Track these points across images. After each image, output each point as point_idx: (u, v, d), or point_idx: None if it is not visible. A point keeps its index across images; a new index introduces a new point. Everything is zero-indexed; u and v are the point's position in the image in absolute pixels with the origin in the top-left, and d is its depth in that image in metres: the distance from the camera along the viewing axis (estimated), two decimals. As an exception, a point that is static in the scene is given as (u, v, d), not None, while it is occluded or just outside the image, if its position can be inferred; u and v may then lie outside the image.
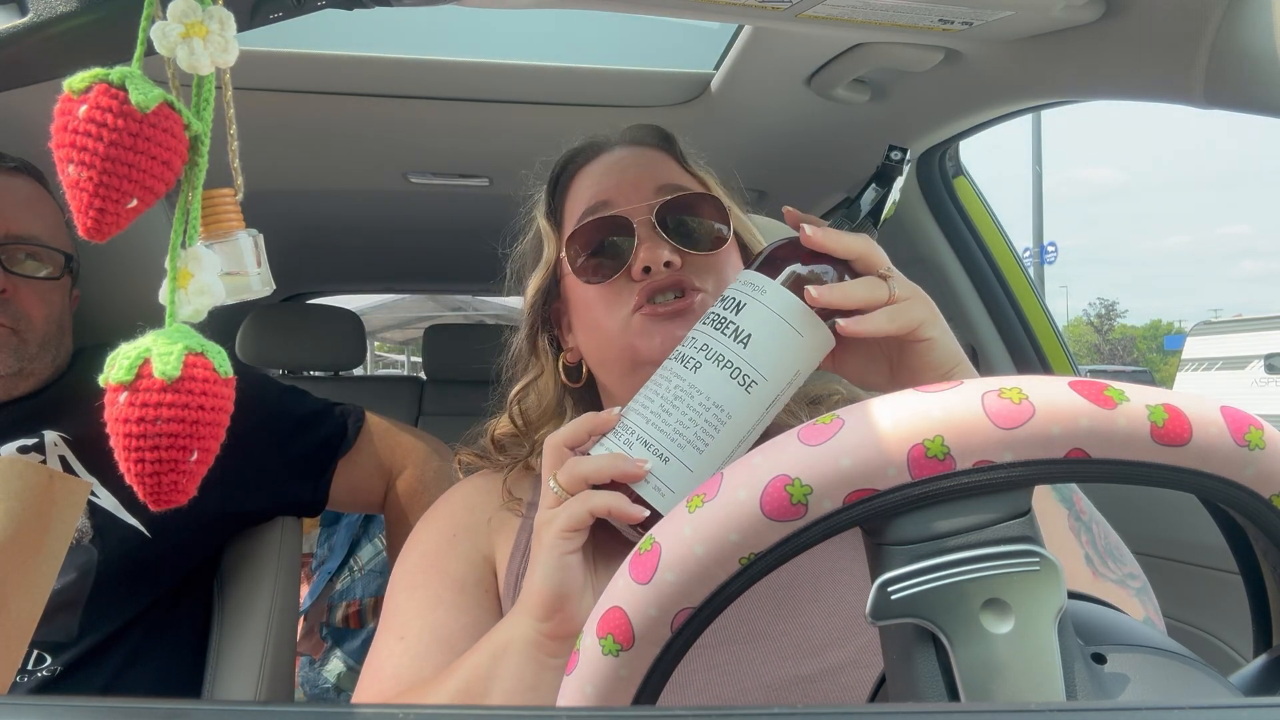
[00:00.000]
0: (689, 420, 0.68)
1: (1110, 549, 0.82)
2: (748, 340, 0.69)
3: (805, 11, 0.99)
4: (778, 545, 0.44)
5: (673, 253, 0.90)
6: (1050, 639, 0.43)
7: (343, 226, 2.49)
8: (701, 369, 0.68)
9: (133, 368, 0.50)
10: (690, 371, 0.68)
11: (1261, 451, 0.43)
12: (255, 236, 0.58)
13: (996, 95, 1.38)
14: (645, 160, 0.99)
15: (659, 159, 1.00)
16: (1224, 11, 0.93)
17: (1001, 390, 0.43)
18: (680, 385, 0.68)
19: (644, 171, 0.97)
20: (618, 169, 0.99)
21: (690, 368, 0.69)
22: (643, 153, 1.00)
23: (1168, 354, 33.54)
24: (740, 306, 0.70)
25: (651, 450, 0.69)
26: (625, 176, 0.97)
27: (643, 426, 0.70)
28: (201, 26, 0.51)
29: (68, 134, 0.48)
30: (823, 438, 0.44)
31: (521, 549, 0.94)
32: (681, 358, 0.70)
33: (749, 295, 0.70)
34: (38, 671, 1.18)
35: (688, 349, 0.71)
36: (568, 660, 0.50)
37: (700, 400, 0.68)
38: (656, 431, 0.69)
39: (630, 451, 0.70)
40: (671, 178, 0.97)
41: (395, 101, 1.60)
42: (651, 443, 0.69)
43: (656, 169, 0.98)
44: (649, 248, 0.90)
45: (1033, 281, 1.87)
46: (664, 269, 0.90)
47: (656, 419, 0.69)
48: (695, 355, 0.69)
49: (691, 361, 0.69)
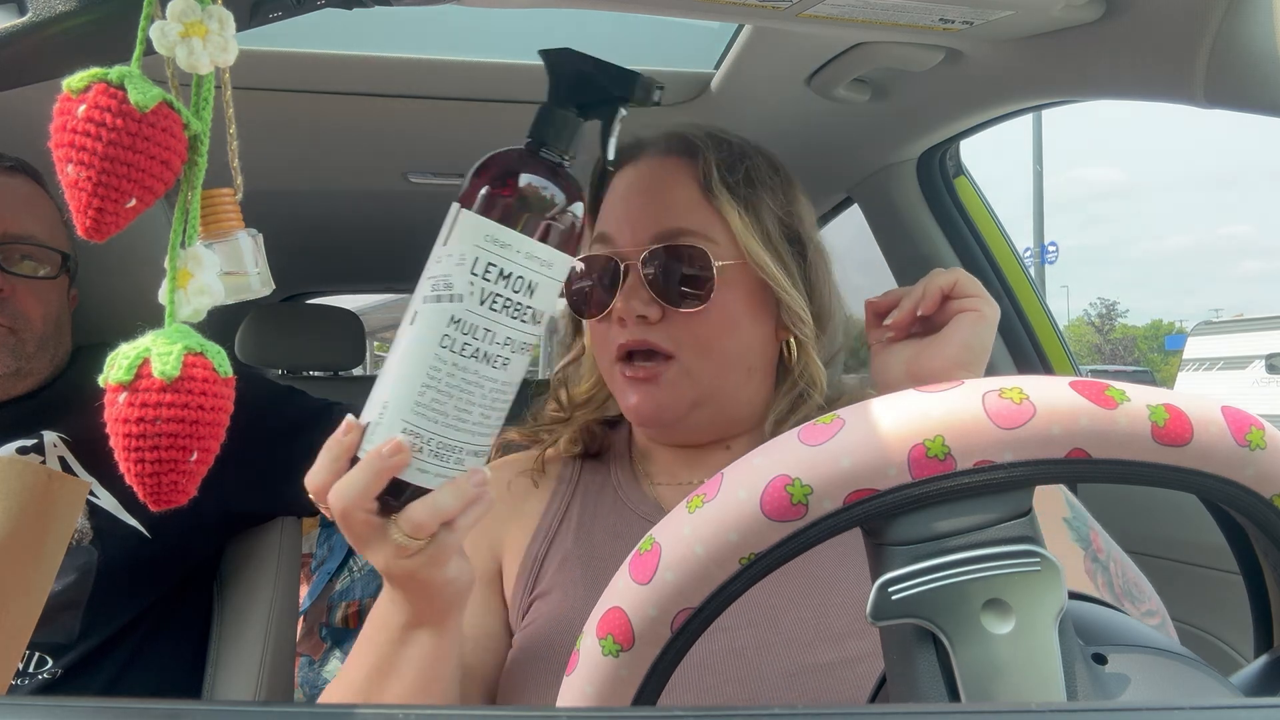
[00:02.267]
0: (491, 409, 0.64)
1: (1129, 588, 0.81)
2: (542, 317, 0.65)
3: (805, 11, 0.99)
4: (778, 545, 0.44)
5: (648, 305, 0.89)
6: (1051, 639, 0.43)
7: (343, 226, 2.49)
8: (511, 364, 0.64)
9: (132, 368, 0.50)
10: (501, 370, 0.63)
11: (1262, 452, 0.43)
12: (255, 236, 0.58)
13: (996, 95, 1.38)
14: (660, 186, 0.94)
15: (678, 182, 0.94)
16: (1224, 11, 0.93)
17: (1002, 390, 0.43)
18: (495, 386, 0.63)
19: (649, 205, 0.93)
20: (629, 197, 0.95)
21: (500, 366, 0.63)
22: (664, 170, 0.95)
23: (1169, 354, 33.54)
24: (533, 289, 0.64)
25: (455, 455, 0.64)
26: (631, 210, 0.94)
27: (450, 435, 0.64)
28: (201, 26, 0.51)
29: (67, 133, 0.48)
30: (823, 438, 0.44)
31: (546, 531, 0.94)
32: (485, 356, 0.63)
33: (538, 273, 0.64)
34: (39, 674, 1.18)
35: (491, 347, 0.63)
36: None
37: (508, 390, 0.65)
38: (460, 434, 0.64)
39: (452, 465, 0.64)
40: (676, 217, 0.91)
41: (395, 101, 1.60)
42: (457, 445, 0.64)
43: (666, 201, 0.93)
44: (625, 298, 0.89)
45: (1033, 281, 1.87)
46: (636, 320, 0.89)
47: (458, 419, 0.63)
48: (501, 353, 0.63)
49: (500, 360, 0.63)
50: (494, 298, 0.62)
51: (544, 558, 0.92)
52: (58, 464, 1.23)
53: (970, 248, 1.81)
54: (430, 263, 0.65)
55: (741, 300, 0.92)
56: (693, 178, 0.93)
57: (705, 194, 0.92)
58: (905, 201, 1.79)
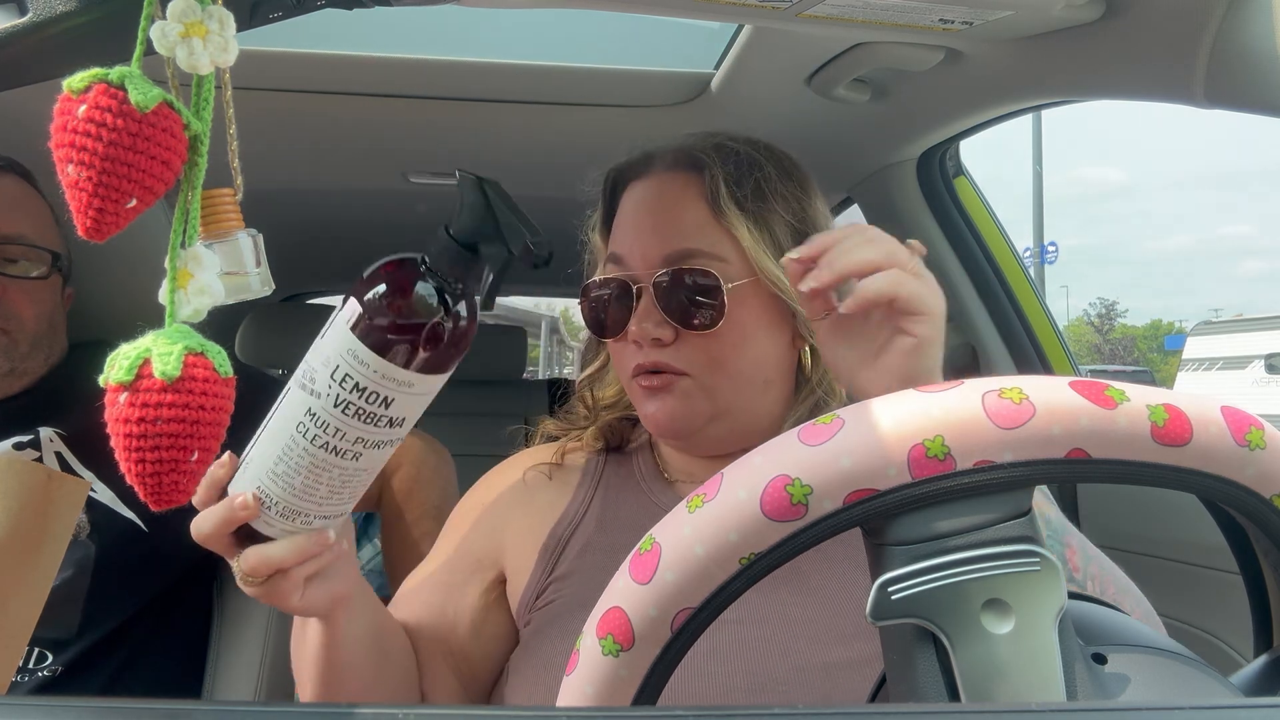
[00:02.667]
0: (342, 489, 0.68)
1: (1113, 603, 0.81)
2: (403, 422, 0.66)
3: (805, 11, 0.99)
4: (778, 545, 0.44)
5: (661, 326, 0.89)
6: (1051, 639, 0.43)
7: (343, 226, 2.49)
8: (363, 456, 0.66)
9: (133, 368, 0.50)
10: (351, 461, 0.65)
11: (1262, 451, 0.43)
12: (255, 236, 0.58)
13: (996, 95, 1.38)
14: (668, 205, 0.94)
15: (685, 201, 0.93)
16: (1224, 11, 0.93)
17: (1002, 390, 0.43)
18: (344, 473, 0.66)
19: (659, 227, 0.93)
20: (638, 218, 0.95)
21: (350, 459, 0.65)
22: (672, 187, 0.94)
23: (1168, 354, 33.55)
24: (389, 403, 0.64)
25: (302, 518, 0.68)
26: (641, 232, 0.94)
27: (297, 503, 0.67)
28: (201, 26, 0.51)
29: (67, 134, 0.48)
30: (823, 438, 0.44)
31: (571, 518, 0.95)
32: (336, 450, 0.65)
33: (396, 391, 0.64)
34: (38, 671, 1.18)
35: (341, 443, 0.65)
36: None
37: (361, 475, 0.68)
38: (307, 504, 0.67)
39: (298, 525, 0.68)
40: (685, 238, 0.91)
41: (395, 101, 1.60)
42: (304, 511, 0.68)
43: (674, 222, 0.92)
44: (639, 320, 0.90)
45: (1033, 281, 1.87)
46: (652, 343, 0.90)
47: (305, 493, 0.67)
48: (352, 449, 0.65)
49: (350, 454, 0.65)
50: (348, 404, 0.63)
51: (567, 541, 0.93)
52: (54, 459, 1.23)
53: (970, 248, 1.81)
54: (314, 343, 0.66)
55: (755, 316, 0.91)
56: (701, 195, 0.92)
57: (714, 212, 0.91)
58: (905, 201, 1.79)
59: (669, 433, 0.93)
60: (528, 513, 0.98)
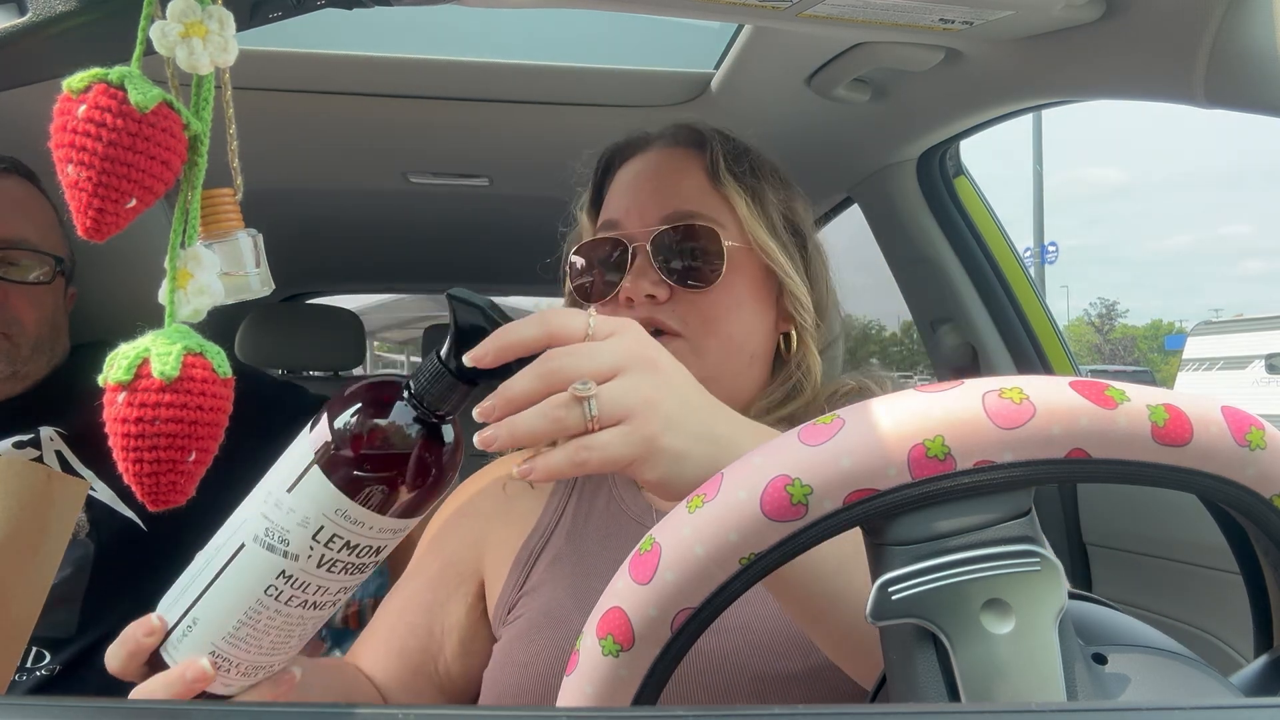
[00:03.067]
0: (314, 630, 0.62)
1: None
2: (387, 550, 0.60)
3: (805, 11, 0.99)
4: (778, 545, 0.44)
5: (657, 285, 0.90)
6: (1051, 639, 0.43)
7: (343, 226, 2.49)
8: (341, 600, 0.61)
9: (131, 368, 0.50)
10: (327, 610, 0.60)
11: (1262, 451, 0.43)
12: (255, 236, 0.58)
13: (997, 95, 1.38)
14: (669, 173, 0.96)
15: (686, 170, 0.96)
16: (1224, 11, 0.93)
17: (1002, 390, 0.43)
18: (318, 619, 0.60)
19: (659, 190, 0.95)
20: (637, 184, 0.97)
21: (327, 608, 0.60)
22: (672, 159, 0.97)
23: (1168, 354, 33.54)
24: (380, 550, 0.59)
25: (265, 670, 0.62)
26: (640, 195, 0.95)
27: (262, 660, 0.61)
28: (201, 26, 0.51)
29: (67, 134, 0.48)
30: (823, 438, 0.44)
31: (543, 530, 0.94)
32: (314, 605, 0.59)
33: (391, 540, 0.59)
34: (37, 670, 1.18)
35: (322, 598, 0.59)
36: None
37: (338, 609, 0.63)
38: (274, 658, 0.62)
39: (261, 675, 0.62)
40: (685, 201, 0.93)
41: (395, 101, 1.60)
42: (269, 665, 0.62)
43: (675, 187, 0.95)
44: (634, 278, 0.91)
45: (1033, 281, 1.87)
46: (645, 300, 0.90)
47: (273, 649, 0.61)
48: (334, 599, 0.60)
49: (329, 604, 0.60)
50: (334, 562, 0.57)
51: (538, 555, 0.93)
52: (54, 458, 1.23)
53: (970, 248, 1.81)
54: (265, 493, 0.59)
55: (747, 285, 0.93)
56: (700, 167, 0.95)
57: (713, 182, 0.94)
58: (905, 201, 1.79)
59: None
60: (507, 522, 0.97)
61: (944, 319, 1.85)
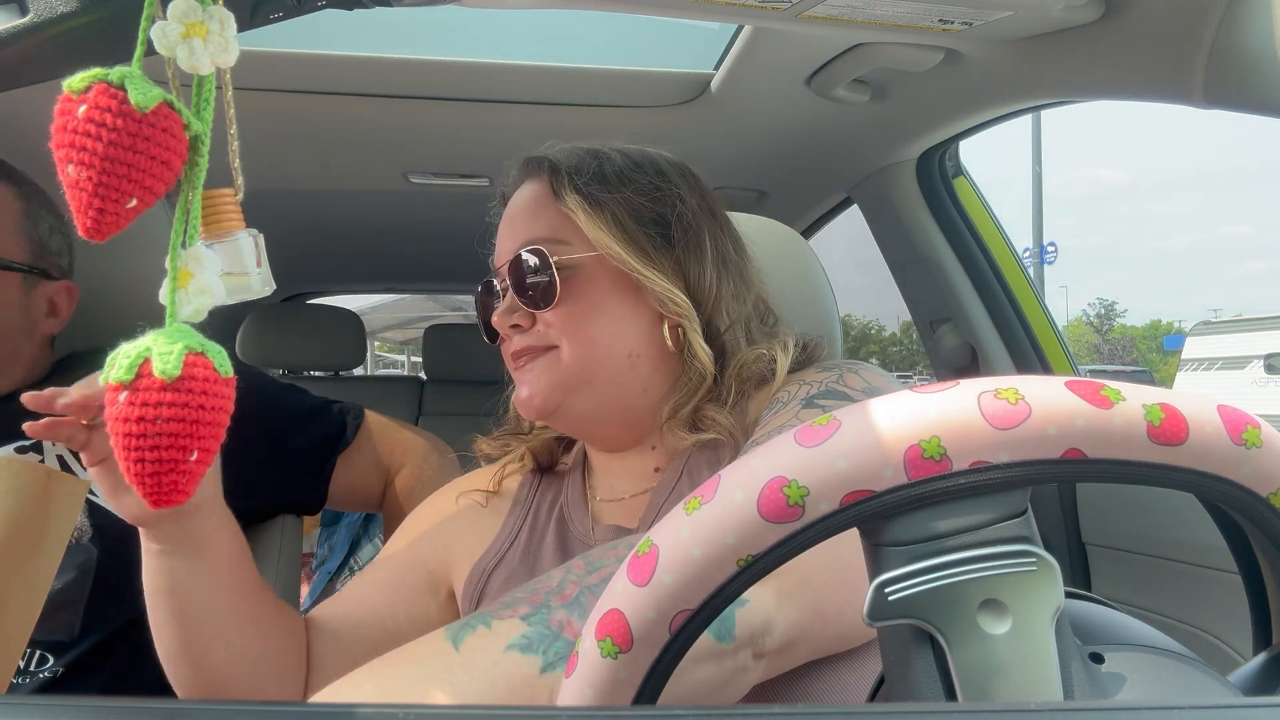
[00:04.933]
0: None
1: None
2: None
3: (805, 11, 0.99)
4: (775, 547, 0.44)
5: (519, 315, 0.95)
6: (1047, 639, 0.43)
7: (343, 226, 2.50)
8: None
9: (133, 367, 0.50)
10: None
11: (1258, 450, 0.43)
12: (255, 236, 0.58)
13: (996, 95, 1.38)
14: (520, 207, 0.99)
15: (534, 199, 0.99)
16: (1224, 11, 0.93)
17: (998, 391, 0.43)
18: None
19: (512, 227, 0.99)
20: (501, 228, 1.02)
21: None
22: (523, 194, 1.01)
23: (1167, 354, 33.54)
24: None
25: None
26: (501, 237, 1.00)
27: None
28: (201, 26, 0.51)
29: (67, 134, 0.48)
30: (819, 439, 0.44)
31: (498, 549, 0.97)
32: None
33: None
34: (40, 672, 1.18)
35: None
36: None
37: None
38: None
39: None
40: (530, 230, 0.96)
41: (395, 101, 1.60)
42: None
43: (524, 219, 0.98)
44: (500, 314, 0.96)
45: (1032, 281, 1.87)
46: (512, 330, 0.95)
47: None
48: None
49: None
50: None
51: (490, 574, 0.95)
52: (56, 462, 1.23)
53: (969, 248, 1.81)
54: None
55: (604, 289, 0.94)
56: (544, 191, 0.99)
57: (555, 200, 0.97)
58: (904, 202, 1.80)
59: (537, 406, 0.94)
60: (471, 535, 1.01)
61: (943, 319, 1.85)
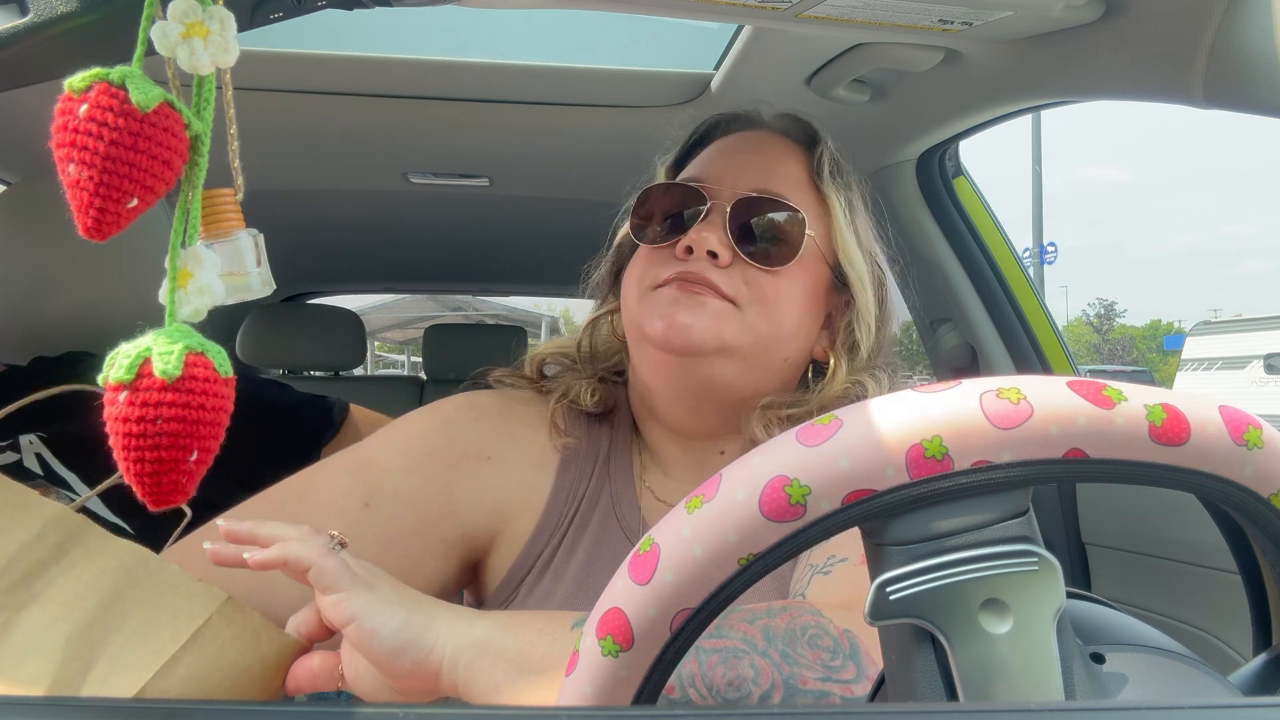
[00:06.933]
0: None
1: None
2: None
3: (805, 11, 0.99)
4: (776, 546, 0.44)
5: (723, 246, 0.84)
6: (1049, 639, 0.43)
7: (343, 226, 2.50)
8: None
9: (133, 367, 0.50)
10: None
11: (1260, 451, 0.43)
12: (255, 236, 0.58)
13: (996, 95, 1.38)
14: (770, 154, 0.92)
15: (788, 160, 0.92)
16: (1224, 12, 0.93)
17: (1000, 390, 0.43)
18: None
19: (755, 165, 0.90)
20: (734, 152, 0.93)
21: None
22: (776, 144, 0.93)
23: (1167, 354, 33.55)
24: None
25: None
26: (734, 162, 0.91)
27: None
28: (202, 26, 0.51)
29: (68, 133, 0.48)
30: (821, 438, 0.44)
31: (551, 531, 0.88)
32: None
33: None
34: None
35: None
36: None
37: None
38: None
39: None
40: (779, 184, 0.88)
41: (395, 101, 1.60)
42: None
43: (772, 168, 0.90)
44: (701, 230, 0.85)
45: (1032, 281, 1.87)
46: (705, 255, 0.84)
47: None
48: None
49: None
50: None
51: (566, 530, 0.90)
52: (35, 461, 1.22)
53: (969, 248, 1.81)
54: None
55: (809, 288, 0.89)
56: (803, 164, 0.92)
57: (814, 180, 0.90)
58: (904, 202, 1.80)
59: (679, 340, 0.83)
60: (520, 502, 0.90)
61: (943, 319, 1.85)
